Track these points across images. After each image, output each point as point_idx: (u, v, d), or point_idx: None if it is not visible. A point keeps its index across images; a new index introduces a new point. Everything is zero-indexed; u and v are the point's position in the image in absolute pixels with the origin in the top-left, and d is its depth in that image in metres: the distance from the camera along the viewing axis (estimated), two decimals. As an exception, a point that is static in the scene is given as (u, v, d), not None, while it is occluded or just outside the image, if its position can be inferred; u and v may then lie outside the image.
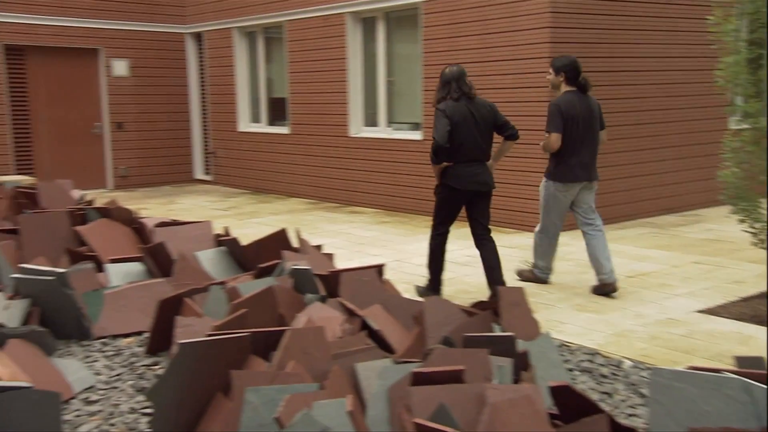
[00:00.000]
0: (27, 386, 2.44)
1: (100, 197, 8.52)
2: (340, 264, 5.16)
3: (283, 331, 2.69)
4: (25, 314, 3.78)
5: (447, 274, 4.99)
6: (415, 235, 6.90)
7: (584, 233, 4.83)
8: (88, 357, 3.63)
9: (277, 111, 10.22)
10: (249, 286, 3.65)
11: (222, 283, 3.98)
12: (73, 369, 3.27)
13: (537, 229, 5.02)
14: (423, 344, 3.00)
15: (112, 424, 2.82)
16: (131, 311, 4.11)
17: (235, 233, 5.62)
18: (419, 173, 7.96)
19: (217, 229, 5.52)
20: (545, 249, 5.00)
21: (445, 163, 4.46)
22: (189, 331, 3.34)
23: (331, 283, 3.68)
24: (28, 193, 6.40)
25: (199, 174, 11.73)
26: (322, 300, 3.50)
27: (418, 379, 2.09)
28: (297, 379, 2.33)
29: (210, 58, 10.95)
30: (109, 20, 10.50)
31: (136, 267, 4.60)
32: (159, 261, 4.55)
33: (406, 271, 5.56)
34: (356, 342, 2.80)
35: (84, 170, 10.66)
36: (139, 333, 3.99)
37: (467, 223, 4.70)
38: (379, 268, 3.79)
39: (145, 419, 2.85)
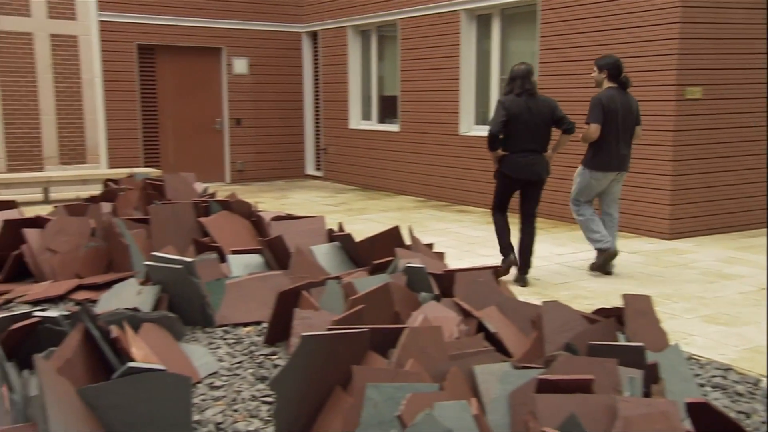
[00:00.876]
0: (161, 369, 2.57)
1: (218, 190, 8.92)
2: (450, 263, 5.12)
3: (401, 329, 2.69)
4: (155, 300, 4.00)
5: (561, 278, 4.87)
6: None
7: (602, 219, 5.37)
8: (211, 343, 3.79)
9: (388, 109, 10.31)
10: (364, 282, 3.69)
11: (337, 277, 4.05)
12: (199, 354, 3.42)
13: (578, 219, 5.37)
14: (541, 350, 2.93)
15: (236, 410, 2.92)
16: (250, 301, 4.26)
17: (345, 229, 5.72)
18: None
19: (329, 224, 5.63)
20: (589, 228, 5.30)
21: (501, 152, 4.94)
22: (306, 323, 3.42)
23: (445, 282, 3.66)
24: (155, 184, 6.78)
25: (310, 170, 12.03)
26: (437, 299, 3.48)
27: (544, 387, 2.03)
28: (416, 378, 2.32)
29: (324, 57, 11.20)
30: (232, 20, 10.96)
31: (256, 259, 4.76)
32: (277, 254, 4.69)
33: (518, 273, 5.44)
34: (473, 344, 2.77)
35: (204, 164, 11.20)
36: (257, 323, 4.13)
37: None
38: (495, 270, 3.72)
39: (266, 407, 2.94)
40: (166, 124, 10.99)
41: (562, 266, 5.57)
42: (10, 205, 6.12)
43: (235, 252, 4.84)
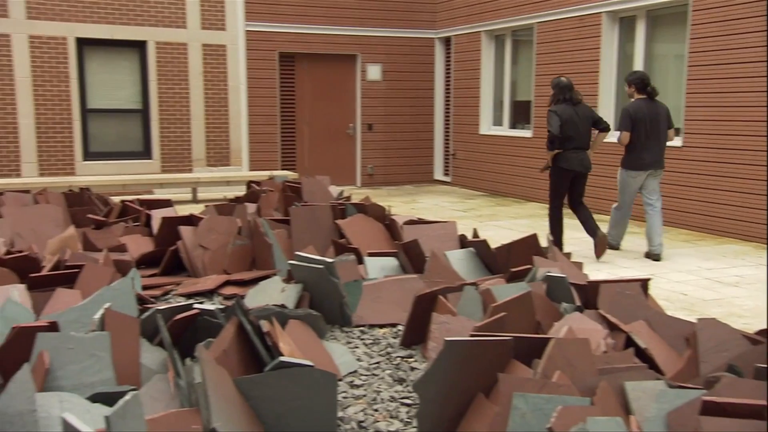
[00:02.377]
0: (309, 364, 2.68)
1: (351, 194, 9.15)
2: (588, 274, 4.95)
3: (546, 339, 2.64)
4: (297, 298, 4.17)
5: (712, 294, 4.58)
6: (671, 248, 6.40)
7: (645, 211, 6.20)
8: (349, 343, 3.90)
9: (520, 114, 10.15)
10: (502, 289, 3.65)
11: (474, 283, 4.03)
12: (340, 353, 3.52)
13: (614, 206, 6.39)
14: (696, 369, 2.76)
15: (376, 410, 2.98)
16: (386, 303, 4.33)
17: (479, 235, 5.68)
18: (678, 182, 7.37)
19: (460, 229, 5.62)
20: (618, 221, 6.35)
21: (556, 151, 6.00)
22: (444, 328, 3.43)
23: (588, 293, 3.54)
24: (293, 187, 7.07)
25: (438, 175, 12.08)
26: (579, 310, 3.38)
27: (709, 409, 1.91)
28: (565, 391, 2.27)
29: (457, 62, 11.20)
30: (368, 27, 11.23)
31: (391, 261, 4.84)
32: (412, 257, 4.74)
33: (663, 287, 5.17)
34: (622, 359, 2.66)
35: (336, 167, 11.54)
36: (393, 325, 4.19)
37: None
38: (644, 283, 3.56)
39: (405, 409, 2.98)
40: (303, 129, 11.43)
41: (712, 282, 5.23)
42: (166, 203, 6.60)
43: (371, 254, 4.94)
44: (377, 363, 3.58)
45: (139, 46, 10.12)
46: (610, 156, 8.01)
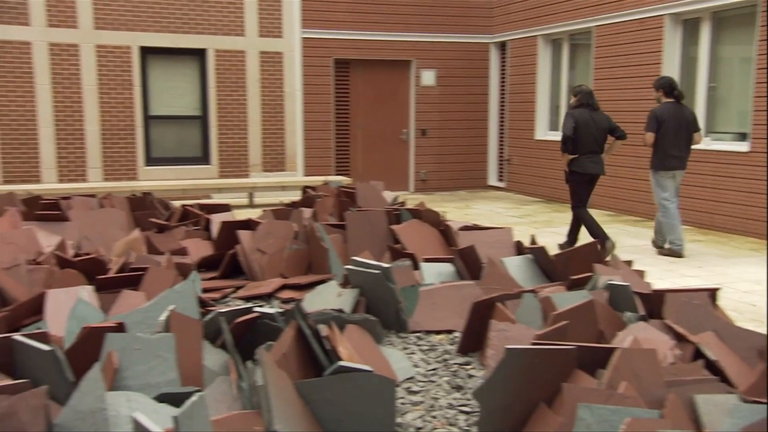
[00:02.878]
0: (368, 370, 2.68)
1: (406, 199, 9.15)
2: (651, 283, 4.82)
3: (611, 349, 2.57)
4: (354, 302, 4.18)
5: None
6: (737, 257, 6.18)
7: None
8: (405, 348, 3.88)
9: (578, 119, 9.97)
10: (562, 297, 3.58)
11: (533, 291, 3.97)
12: (396, 358, 3.51)
13: (658, 214, 6.54)
14: (770, 384, 2.64)
15: (434, 417, 2.96)
16: (442, 309, 4.31)
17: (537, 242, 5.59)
18: (745, 189, 7.12)
19: (515, 236, 5.56)
20: (670, 224, 6.42)
21: (571, 156, 6.37)
22: (503, 336, 3.38)
23: (653, 303, 3.44)
24: (348, 192, 7.11)
25: (492, 180, 11.97)
26: (644, 320, 3.28)
27: (788, 427, 1.83)
28: (632, 402, 2.20)
29: (512, 67, 11.10)
30: (423, 33, 11.24)
31: (447, 267, 4.81)
32: (468, 263, 4.70)
33: (731, 297, 5.00)
34: (691, 371, 2.57)
35: (389, 173, 11.57)
36: (449, 331, 4.16)
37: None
38: (712, 293, 3.44)
39: (463, 417, 2.95)
40: (357, 135, 11.51)
41: (746, 282, 5.03)
42: (225, 208, 6.73)
43: (427, 260, 4.92)
44: (434, 369, 3.55)
45: (199, 54, 10.37)
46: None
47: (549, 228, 8.06)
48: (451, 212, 9.30)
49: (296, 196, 10.52)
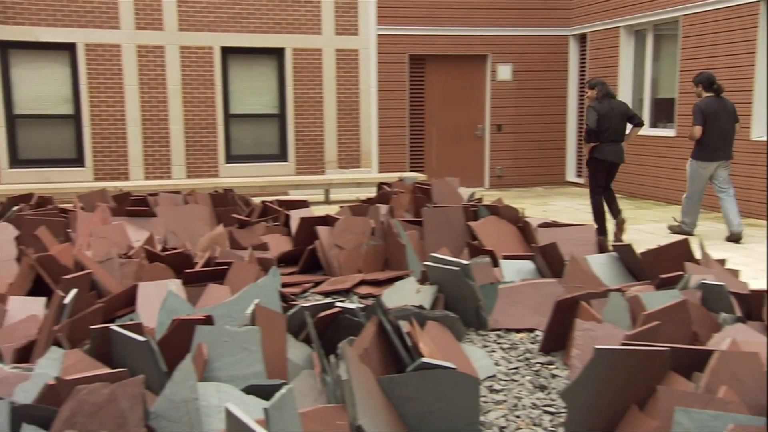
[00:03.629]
0: (451, 367, 2.65)
1: (483, 196, 9.04)
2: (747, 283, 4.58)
3: (709, 351, 2.45)
4: (432, 299, 4.16)
5: None
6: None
7: (720, 198, 6.83)
8: (485, 346, 3.83)
9: (662, 112, 9.60)
10: (651, 296, 3.45)
11: (619, 290, 3.84)
12: (477, 356, 3.47)
13: (685, 195, 7.05)
14: None
15: (518, 416, 2.91)
16: (523, 307, 4.23)
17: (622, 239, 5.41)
18: None
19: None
20: (690, 209, 7.00)
21: (593, 144, 6.73)
22: (589, 335, 3.28)
23: (751, 304, 3.26)
24: (423, 188, 7.08)
25: (570, 176, 11.69)
26: (741, 322, 3.12)
27: None
28: (734, 408, 2.09)
29: (592, 60, 10.80)
30: (499, 27, 11.08)
31: (527, 265, 4.72)
32: (550, 261, 4.60)
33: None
34: (796, 377, 2.41)
35: (464, 169, 11.46)
36: (530, 330, 4.08)
37: None
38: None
39: (548, 417, 2.88)
40: (431, 131, 11.46)
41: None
42: (303, 204, 6.83)
43: (506, 257, 4.84)
44: (516, 368, 3.49)
45: (278, 53, 10.56)
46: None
47: (633, 225, 7.79)
48: (528, 209, 9.13)
49: (371, 192, 10.57)
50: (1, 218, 5.75)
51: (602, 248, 5.18)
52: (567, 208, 9.29)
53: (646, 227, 7.66)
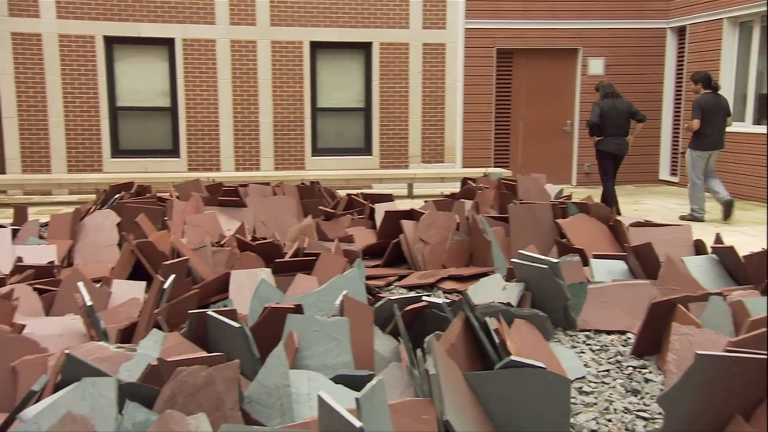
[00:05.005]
0: (541, 366, 2.59)
1: (570, 193, 8.82)
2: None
3: (823, 363, 2.29)
4: (519, 297, 4.08)
5: None
6: None
7: (707, 180, 7.76)
8: (574, 347, 3.74)
9: (766, 108, 9.06)
10: (756, 302, 3.26)
11: (720, 294, 3.65)
12: (566, 357, 3.39)
13: (689, 185, 7.87)
14: None
15: (609, 420, 2.82)
16: (614, 309, 4.09)
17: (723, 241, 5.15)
18: None
19: (693, 234, 5.16)
20: (697, 196, 7.78)
21: (596, 138, 7.87)
22: (687, 340, 3.14)
23: None
24: (508, 184, 6.97)
25: (664, 175, 11.22)
26: None
27: None
28: None
29: (691, 53, 10.31)
30: (592, 20, 10.75)
31: (619, 265, 4.57)
32: (644, 262, 4.43)
33: None
34: None
35: (550, 165, 11.21)
36: (621, 332, 3.95)
37: None
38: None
39: (642, 423, 2.78)
40: (517, 126, 11.26)
41: None
42: (388, 198, 6.87)
43: (597, 256, 4.70)
44: (606, 371, 3.39)
45: (365, 48, 10.65)
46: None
47: (732, 227, 7.41)
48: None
49: (454, 187, 10.50)
50: (104, 205, 6.07)
51: (699, 250, 4.96)
52: (660, 207, 8.93)
53: (748, 229, 7.27)
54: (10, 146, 9.83)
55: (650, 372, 3.35)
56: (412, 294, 4.11)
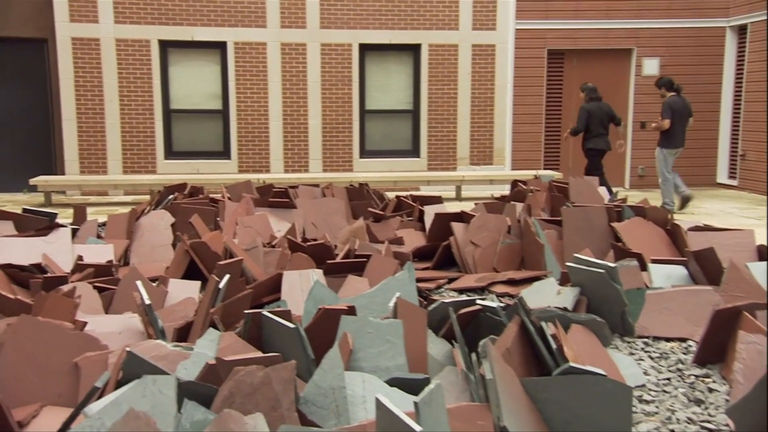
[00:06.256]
0: (601, 373, 2.52)
1: (625, 196, 8.62)
2: None
3: None
4: (574, 301, 3.99)
5: None
6: None
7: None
8: (632, 354, 3.63)
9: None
10: (828, 311, 3.11)
11: (788, 302, 3.49)
12: (625, 364, 3.29)
13: (660, 180, 8.49)
14: None
15: (672, 430, 2.72)
16: (674, 315, 3.97)
17: (787, 247, 4.95)
18: None
19: (757, 239, 4.97)
20: (668, 189, 8.44)
21: (572, 135, 9.05)
22: (754, 349, 3.01)
23: None
24: (560, 187, 6.84)
25: (722, 178, 10.88)
26: None
27: None
28: None
29: (752, 52, 9.97)
30: (647, 19, 10.50)
31: (678, 270, 4.43)
32: (706, 267, 4.28)
33: None
34: None
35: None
36: (682, 339, 3.82)
37: None
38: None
39: (706, 435, 2.67)
40: (568, 128, 11.06)
41: None
42: (437, 200, 6.82)
43: (655, 261, 4.57)
44: (667, 379, 3.28)
45: (414, 50, 10.62)
46: None
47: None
48: (675, 211, 8.60)
49: (503, 190, 10.39)
50: (159, 206, 6.19)
51: (762, 255, 4.78)
52: (719, 211, 8.65)
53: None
54: (69, 148, 10.13)
55: (714, 381, 3.22)
56: (464, 297, 4.07)
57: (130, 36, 10.01)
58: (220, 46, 10.29)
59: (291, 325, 2.49)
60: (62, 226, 5.15)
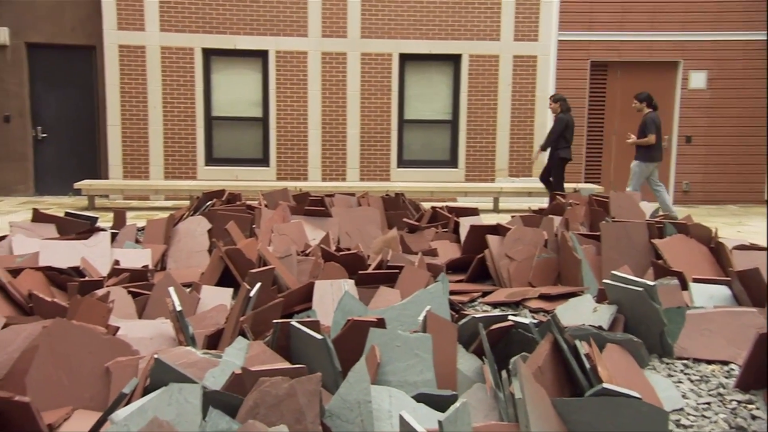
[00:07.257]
0: (637, 396, 2.44)
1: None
2: None
3: None
4: (611, 320, 3.89)
5: None
6: None
7: (657, 191, 8.64)
8: (670, 376, 3.52)
9: None
10: None
11: (837, 328, 3.35)
12: (663, 386, 3.19)
13: (628, 190, 8.59)
14: None
15: (710, 459, 2.61)
16: (716, 337, 3.83)
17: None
18: None
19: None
20: (663, 199, 8.58)
21: (542, 151, 9.27)
22: (799, 377, 2.88)
23: None
24: (600, 201, 6.71)
25: (771, 195, 10.56)
26: None
27: None
28: None
29: (803, 66, 9.67)
30: (694, 32, 10.28)
31: (722, 290, 4.28)
32: (750, 288, 4.13)
33: None
34: None
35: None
36: (724, 362, 3.69)
37: None
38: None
39: (747, 465, 2.56)
40: (610, 141, 10.89)
41: None
42: (473, 212, 6.75)
43: (697, 280, 4.43)
44: (707, 404, 3.16)
45: (454, 60, 10.58)
46: None
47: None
48: (720, 229, 8.37)
49: (542, 202, 10.25)
50: (197, 212, 6.26)
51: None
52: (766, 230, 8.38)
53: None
54: (113, 153, 10.35)
55: (757, 408, 3.10)
56: (497, 312, 4.00)
57: (175, 44, 10.20)
58: (262, 55, 10.41)
59: (319, 336, 2.48)
60: (102, 230, 5.25)
